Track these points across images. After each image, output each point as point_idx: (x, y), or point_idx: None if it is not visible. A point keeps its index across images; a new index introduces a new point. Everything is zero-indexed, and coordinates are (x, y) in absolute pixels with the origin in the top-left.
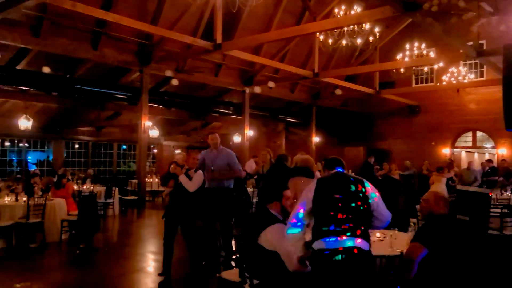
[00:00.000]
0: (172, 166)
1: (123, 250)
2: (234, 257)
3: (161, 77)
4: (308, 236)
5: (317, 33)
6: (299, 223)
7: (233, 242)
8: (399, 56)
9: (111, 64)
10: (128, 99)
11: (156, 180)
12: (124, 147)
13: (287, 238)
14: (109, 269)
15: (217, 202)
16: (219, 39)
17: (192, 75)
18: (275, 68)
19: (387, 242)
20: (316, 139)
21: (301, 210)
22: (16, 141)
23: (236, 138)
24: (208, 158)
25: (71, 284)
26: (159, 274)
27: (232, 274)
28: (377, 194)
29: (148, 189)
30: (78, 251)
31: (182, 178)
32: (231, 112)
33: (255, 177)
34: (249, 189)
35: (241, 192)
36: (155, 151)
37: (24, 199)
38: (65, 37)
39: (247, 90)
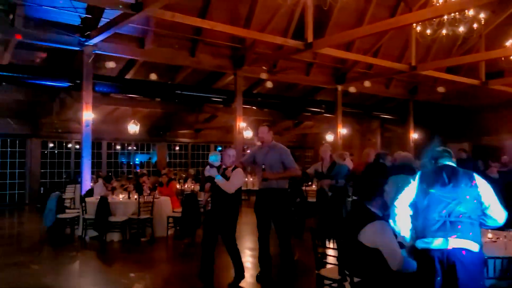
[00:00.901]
0: (206, 168)
1: (222, 246)
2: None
3: (254, 79)
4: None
5: (414, 24)
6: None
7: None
8: (508, 43)
9: (207, 69)
10: (223, 102)
11: (251, 179)
12: (220, 148)
13: (391, 236)
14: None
15: (268, 204)
16: (310, 38)
17: (284, 76)
18: (368, 63)
19: (501, 244)
20: (414, 135)
21: (403, 207)
22: (126, 144)
23: (329, 137)
24: (258, 155)
25: (177, 275)
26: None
27: (331, 271)
28: (490, 189)
29: (243, 188)
30: (182, 246)
31: (219, 180)
32: (323, 111)
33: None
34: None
35: (296, 193)
36: (249, 151)
37: (135, 197)
38: (166, 47)
39: (339, 87)
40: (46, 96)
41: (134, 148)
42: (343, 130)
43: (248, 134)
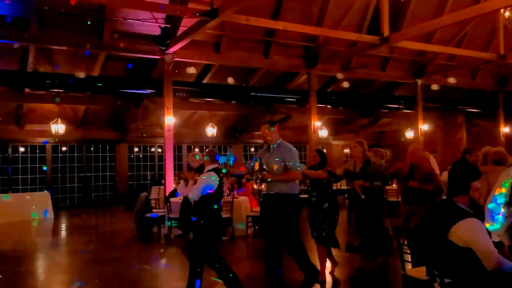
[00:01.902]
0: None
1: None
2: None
3: (328, 77)
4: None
5: (501, 10)
6: (497, 217)
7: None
8: None
9: (280, 70)
10: (297, 102)
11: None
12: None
13: (485, 233)
14: (292, 262)
15: (271, 212)
16: (386, 32)
17: (359, 72)
18: (450, 54)
19: None
20: (505, 129)
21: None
22: (204, 147)
23: (409, 134)
24: (264, 157)
25: (258, 274)
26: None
27: (419, 272)
28: None
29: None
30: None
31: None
32: (401, 107)
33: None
34: None
35: (323, 198)
36: (324, 151)
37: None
38: (240, 50)
39: (419, 81)
40: (132, 104)
41: None
42: (424, 127)
43: (323, 133)
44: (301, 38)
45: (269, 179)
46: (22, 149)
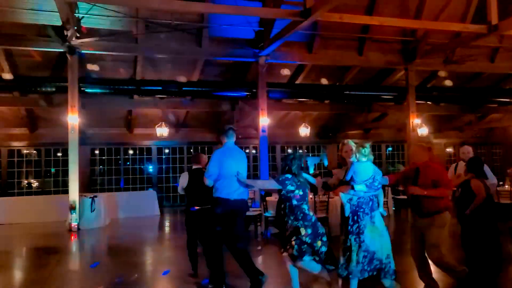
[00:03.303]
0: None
1: (401, 247)
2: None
3: (427, 72)
4: None
5: None
6: None
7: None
8: None
9: (375, 67)
10: (394, 99)
11: None
12: (390, 148)
13: None
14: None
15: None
16: (494, 20)
17: (463, 65)
18: None
19: None
20: None
21: None
22: (297, 147)
23: None
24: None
25: None
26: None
27: None
28: None
29: None
30: None
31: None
32: None
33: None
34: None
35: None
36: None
37: (310, 196)
38: (333, 49)
39: None
40: (228, 106)
41: (305, 151)
42: None
43: (423, 131)
44: (397, 33)
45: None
46: (131, 151)
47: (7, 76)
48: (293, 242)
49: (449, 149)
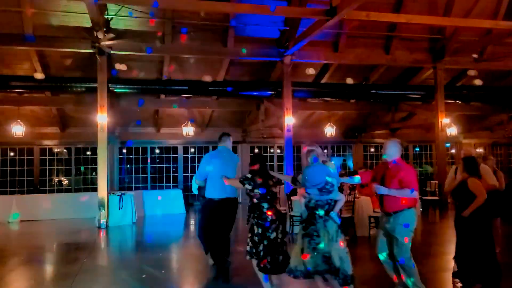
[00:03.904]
0: None
1: (429, 249)
2: None
3: (456, 71)
4: None
5: None
6: None
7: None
8: None
9: (402, 65)
10: (422, 98)
11: None
12: (417, 149)
13: None
14: (420, 266)
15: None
16: None
17: (494, 63)
18: None
19: None
20: None
21: None
22: (322, 147)
23: None
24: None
25: (378, 275)
26: None
27: None
28: None
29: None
30: None
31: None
32: None
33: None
34: None
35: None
36: (452, 151)
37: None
38: (359, 47)
39: None
40: (253, 106)
41: (330, 151)
42: None
43: (452, 131)
44: (425, 31)
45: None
46: (157, 151)
47: (39, 76)
48: (248, 239)
49: (480, 150)
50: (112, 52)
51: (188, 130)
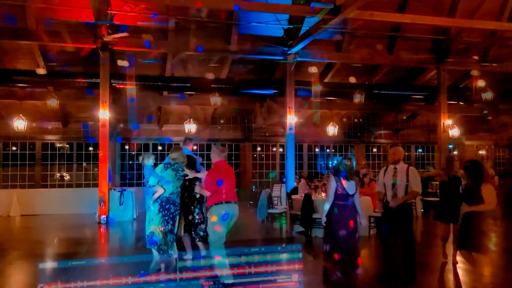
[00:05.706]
0: None
1: (434, 250)
2: None
3: (460, 72)
4: None
5: None
6: None
7: None
8: None
9: (406, 66)
10: (425, 99)
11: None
12: (420, 150)
13: None
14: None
15: None
16: None
17: (498, 65)
18: None
19: None
20: None
21: None
22: (324, 147)
23: None
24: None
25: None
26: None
27: None
28: None
29: None
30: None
31: None
32: None
33: None
34: None
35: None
36: (455, 152)
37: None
38: (362, 47)
39: None
40: (255, 104)
41: (332, 150)
42: None
43: (455, 132)
44: (430, 31)
45: None
46: (159, 147)
47: (41, 71)
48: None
49: (482, 152)
50: (115, 47)
51: (190, 127)
